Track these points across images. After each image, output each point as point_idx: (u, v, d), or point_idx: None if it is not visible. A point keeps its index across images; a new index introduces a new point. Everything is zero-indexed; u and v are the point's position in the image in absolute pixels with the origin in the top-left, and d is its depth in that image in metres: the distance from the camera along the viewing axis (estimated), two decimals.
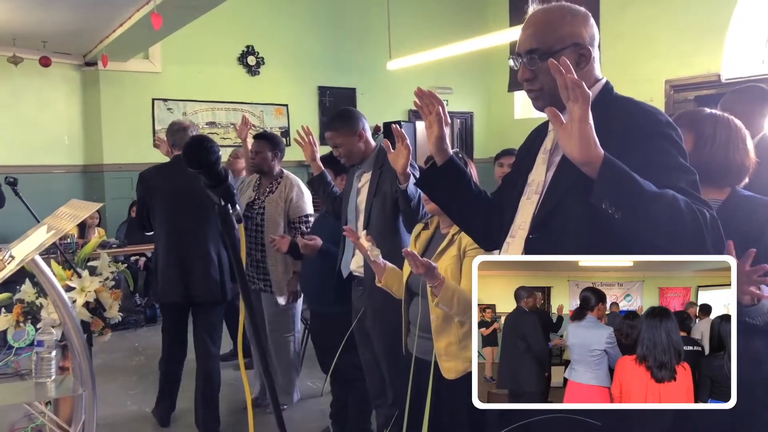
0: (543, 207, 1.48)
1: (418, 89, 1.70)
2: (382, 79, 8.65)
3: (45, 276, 1.90)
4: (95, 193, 7.03)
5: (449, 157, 1.66)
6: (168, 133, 3.71)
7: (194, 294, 3.45)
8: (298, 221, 3.63)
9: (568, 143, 1.24)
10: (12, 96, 6.56)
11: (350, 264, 2.72)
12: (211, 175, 0.94)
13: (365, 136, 2.72)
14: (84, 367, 1.92)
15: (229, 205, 0.96)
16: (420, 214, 2.37)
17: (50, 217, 2.12)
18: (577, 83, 1.20)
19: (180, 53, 7.36)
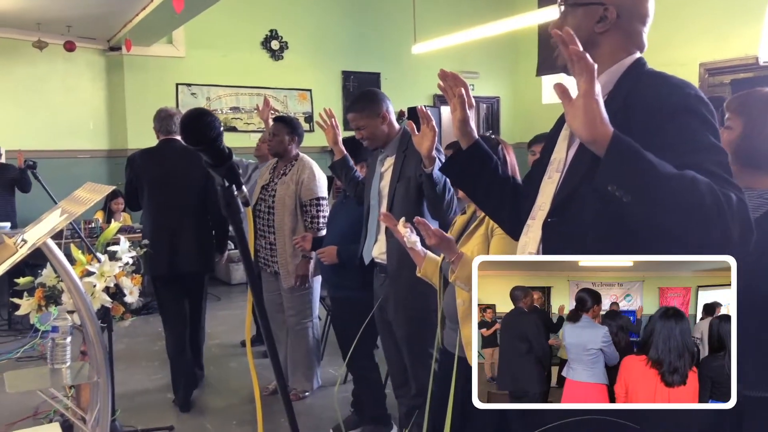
0: (563, 187, 1.38)
1: (441, 71, 1.61)
2: (406, 63, 8.54)
3: (57, 260, 1.85)
4: (119, 177, 7.01)
5: (474, 141, 1.57)
6: (155, 120, 3.92)
7: (181, 266, 3.69)
8: (309, 204, 3.59)
9: (573, 120, 1.15)
10: (37, 81, 6.58)
11: (372, 250, 2.63)
12: (212, 152, 0.86)
13: (389, 119, 2.62)
14: (98, 354, 1.88)
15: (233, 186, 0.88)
16: (446, 199, 2.28)
17: (65, 201, 2.08)
18: (580, 55, 1.10)
19: (203, 38, 7.32)
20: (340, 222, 3.20)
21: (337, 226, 3.19)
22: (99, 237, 5.82)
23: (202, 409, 3.77)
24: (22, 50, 6.36)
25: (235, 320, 5.64)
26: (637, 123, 1.16)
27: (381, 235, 2.60)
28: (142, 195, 3.85)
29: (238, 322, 5.52)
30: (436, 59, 8.50)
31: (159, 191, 3.79)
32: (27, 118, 6.49)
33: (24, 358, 4.70)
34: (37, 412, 3.66)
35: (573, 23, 1.34)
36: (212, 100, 7.54)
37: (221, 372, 4.39)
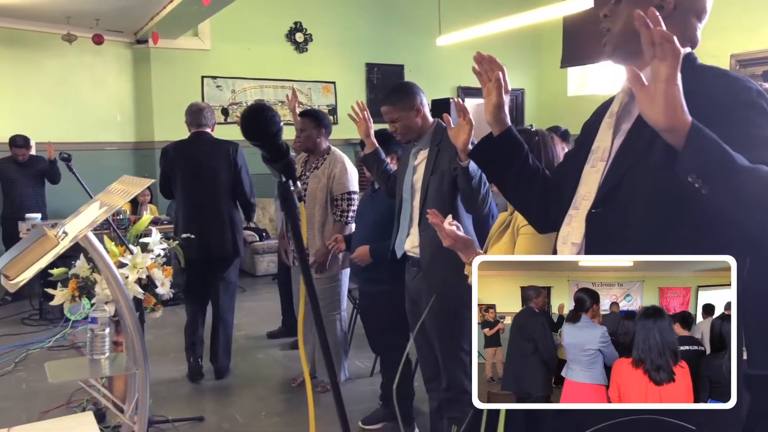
0: (609, 177, 1.34)
1: (477, 53, 1.58)
2: (430, 55, 8.51)
3: (97, 253, 1.87)
4: (146, 170, 7.11)
5: (507, 128, 1.54)
6: (187, 113, 4.15)
7: (210, 251, 3.90)
8: (340, 198, 3.60)
9: (650, 107, 1.10)
10: (66, 74, 6.65)
11: (405, 244, 2.62)
12: (271, 148, 0.85)
13: (423, 111, 2.60)
14: (137, 345, 1.90)
15: (290, 181, 0.88)
16: (481, 194, 2.26)
17: (102, 193, 2.10)
18: (667, 38, 1.06)
19: (229, 30, 7.35)
20: (369, 216, 3.20)
21: (368, 220, 3.18)
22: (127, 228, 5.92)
23: (230, 400, 3.80)
24: (52, 43, 6.44)
25: (261, 312, 5.68)
26: (695, 118, 1.13)
27: (413, 228, 2.58)
28: (175, 185, 4.08)
29: (264, 313, 5.55)
30: (459, 51, 8.45)
31: (190, 181, 4.01)
32: (56, 111, 6.58)
33: (56, 347, 4.77)
34: (71, 400, 3.72)
35: (627, 11, 1.31)
36: (237, 93, 7.58)
37: (249, 363, 4.42)
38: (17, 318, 5.57)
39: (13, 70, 6.35)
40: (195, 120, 4.10)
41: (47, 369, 1.95)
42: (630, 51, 1.36)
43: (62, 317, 5.35)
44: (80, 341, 4.86)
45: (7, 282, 1.75)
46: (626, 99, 1.40)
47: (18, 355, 4.56)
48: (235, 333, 4.84)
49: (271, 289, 6.48)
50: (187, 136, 4.15)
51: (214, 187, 3.99)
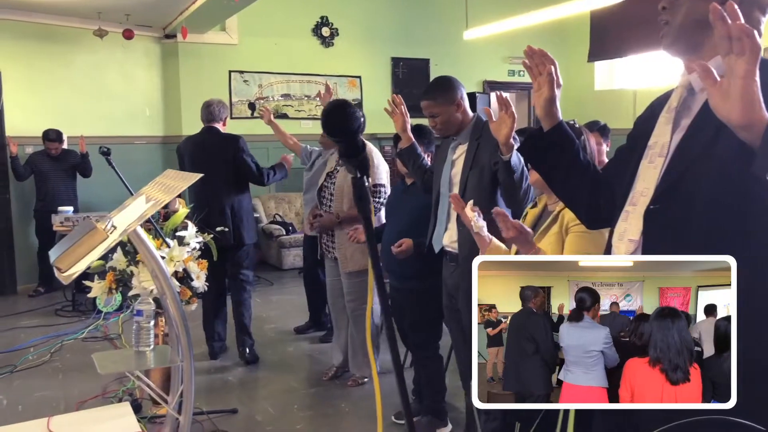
0: (669, 173, 1.33)
1: (528, 47, 1.57)
2: (456, 50, 8.48)
3: (145, 246, 1.89)
4: (174, 164, 7.14)
5: (558, 123, 1.53)
6: (201, 109, 4.41)
7: (223, 239, 3.94)
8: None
9: (724, 104, 1.07)
10: (96, 69, 6.73)
11: (443, 238, 2.61)
12: (350, 144, 0.86)
13: (463, 106, 2.59)
14: (182, 337, 1.92)
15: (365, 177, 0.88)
16: (522, 188, 2.25)
17: (147, 187, 2.12)
18: (748, 32, 1.03)
19: (256, 25, 7.37)
20: (402, 211, 3.19)
21: (401, 215, 3.18)
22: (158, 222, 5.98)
23: (262, 392, 3.84)
24: (83, 39, 6.51)
25: (288, 305, 5.71)
26: None
27: (452, 223, 2.58)
28: None
29: (292, 307, 5.59)
30: (485, 45, 8.44)
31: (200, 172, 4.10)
32: (87, 105, 6.66)
33: (89, 338, 4.85)
34: (106, 391, 3.78)
35: (688, 3, 1.29)
36: (264, 87, 7.61)
37: (278, 356, 4.45)
38: (50, 309, 5.66)
39: (46, 66, 6.44)
40: (204, 116, 4.34)
41: (96, 360, 1.98)
42: (690, 44, 1.34)
43: (94, 309, 5.44)
44: (112, 333, 4.94)
45: (60, 274, 1.78)
46: (685, 93, 1.38)
47: (53, 345, 4.64)
48: (264, 326, 4.89)
49: (298, 283, 6.49)
50: (198, 132, 4.40)
51: (219, 179, 4.14)
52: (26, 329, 5.08)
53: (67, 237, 1.96)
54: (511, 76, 9.14)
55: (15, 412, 3.53)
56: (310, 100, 7.85)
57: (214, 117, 4.31)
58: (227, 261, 4.22)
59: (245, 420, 3.40)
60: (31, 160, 6.12)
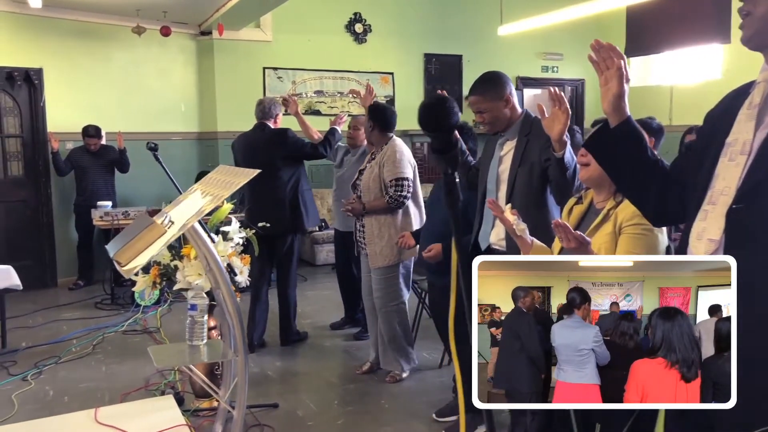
0: (753, 172, 1.30)
1: (596, 41, 1.54)
2: (489, 45, 8.42)
3: (202, 241, 1.91)
4: (209, 159, 7.25)
5: (626, 118, 1.50)
6: (255, 107, 4.59)
7: (271, 228, 4.01)
8: (389, 184, 3.71)
9: None
10: (134, 65, 6.82)
11: (489, 236, 2.60)
12: (444, 139, 0.85)
13: (512, 102, 2.57)
14: (237, 332, 1.93)
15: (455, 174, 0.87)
16: (574, 185, 2.22)
17: (201, 184, 2.14)
18: None
19: (290, 22, 7.40)
20: (443, 207, 3.18)
21: (442, 212, 3.17)
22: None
23: (302, 387, 3.86)
24: (121, 36, 6.61)
25: (323, 301, 5.74)
26: None
27: (499, 221, 2.56)
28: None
29: (326, 303, 5.61)
30: (518, 41, 8.36)
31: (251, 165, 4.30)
32: (124, 102, 6.75)
33: (129, 331, 4.92)
34: (148, 384, 3.83)
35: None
36: (297, 84, 7.64)
37: (316, 351, 4.47)
38: (90, 302, 5.76)
39: (86, 63, 6.54)
40: (257, 113, 4.55)
41: (152, 354, 2.00)
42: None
43: (132, 302, 5.53)
44: (151, 326, 5.01)
45: (121, 268, 1.81)
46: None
47: (95, 338, 4.72)
48: (301, 321, 4.92)
49: (331, 279, 6.51)
50: (251, 128, 4.57)
51: (269, 172, 4.19)
52: (68, 321, 5.18)
53: (124, 231, 1.99)
54: (545, 72, 9.05)
55: (61, 403, 3.61)
56: (342, 97, 7.86)
57: (265, 114, 4.48)
58: (278, 248, 4.40)
59: (286, 415, 3.43)
60: (72, 156, 6.23)
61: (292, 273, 4.51)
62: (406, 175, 3.70)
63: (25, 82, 6.20)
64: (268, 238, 4.16)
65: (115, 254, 1.82)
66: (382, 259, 3.75)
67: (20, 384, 3.87)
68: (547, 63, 9.05)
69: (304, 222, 4.45)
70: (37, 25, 6.25)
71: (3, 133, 6.21)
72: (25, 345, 4.57)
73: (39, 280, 6.22)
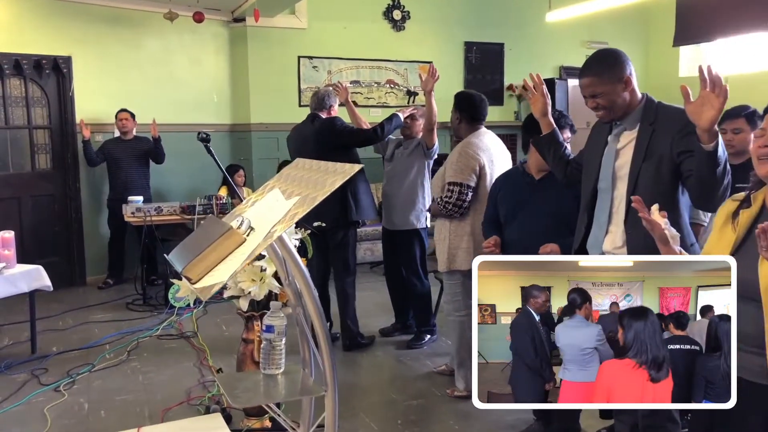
0: None
1: None
2: (531, 33, 8.07)
3: (288, 252, 1.57)
4: (242, 153, 6.94)
5: None
6: (311, 98, 4.46)
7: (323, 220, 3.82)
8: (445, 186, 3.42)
9: None
10: (165, 53, 6.50)
11: (603, 243, 2.21)
12: None
13: (632, 84, 2.20)
14: (327, 361, 1.59)
15: None
16: (723, 184, 1.85)
17: (278, 181, 1.79)
18: None
19: (325, 8, 7.06)
20: (530, 208, 2.81)
21: (530, 213, 2.80)
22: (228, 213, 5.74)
23: (360, 404, 3.49)
24: (153, 22, 6.29)
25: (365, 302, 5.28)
26: None
27: (614, 225, 2.18)
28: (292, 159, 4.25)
29: (369, 304, 5.17)
30: (561, 29, 7.96)
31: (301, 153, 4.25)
32: (155, 91, 6.43)
33: (164, 335, 4.62)
34: (191, 397, 3.52)
35: None
36: (333, 74, 7.29)
37: (368, 362, 4.13)
38: (121, 302, 5.47)
39: (116, 51, 6.22)
40: (311, 104, 4.37)
41: (223, 389, 1.66)
42: None
43: (166, 303, 5.23)
44: (187, 330, 4.70)
45: (192, 285, 1.47)
46: None
47: (129, 342, 4.42)
48: None
49: (370, 279, 6.20)
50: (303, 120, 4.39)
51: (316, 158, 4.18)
52: (99, 324, 4.89)
53: (191, 239, 1.65)
54: None
55: (98, 418, 3.30)
56: (380, 87, 7.51)
57: (319, 105, 4.26)
58: (331, 240, 4.21)
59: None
60: (105, 147, 5.94)
61: (348, 269, 4.25)
62: (460, 180, 3.33)
63: (53, 71, 5.90)
64: (320, 235, 3.94)
65: (184, 269, 1.48)
66: (441, 263, 3.48)
67: (53, 395, 3.57)
68: (591, 52, 8.58)
69: (350, 213, 4.16)
70: (66, 11, 5.94)
71: (31, 124, 5.91)
72: (56, 350, 4.28)
73: (67, 278, 5.95)
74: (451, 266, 3.40)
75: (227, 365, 3.88)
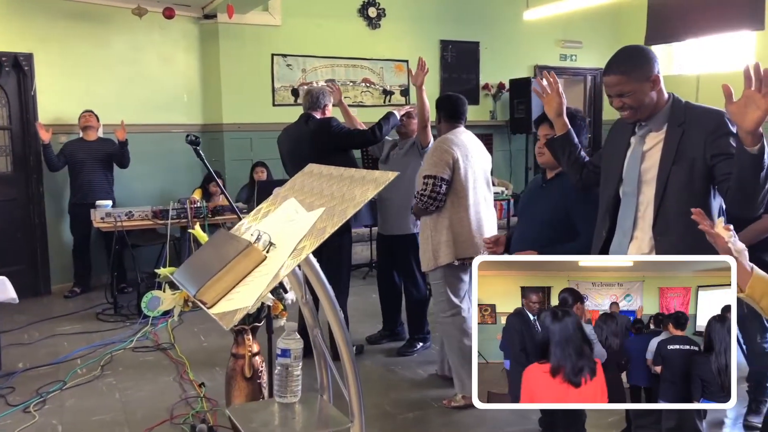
0: None
1: None
2: (506, 32, 8.03)
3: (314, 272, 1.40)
4: (214, 154, 6.70)
5: None
6: (303, 96, 4.21)
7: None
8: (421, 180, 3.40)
9: None
10: (133, 51, 6.21)
11: (628, 249, 2.09)
12: None
13: (660, 84, 2.08)
14: (352, 388, 1.43)
15: None
16: (764, 190, 1.74)
17: (292, 191, 1.63)
18: None
19: (300, 5, 6.86)
20: (537, 211, 2.69)
21: (536, 216, 2.68)
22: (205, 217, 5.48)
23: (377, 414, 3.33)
24: (120, 18, 6.00)
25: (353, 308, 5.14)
26: None
27: (641, 231, 2.06)
28: (285, 166, 4.27)
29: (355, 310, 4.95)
30: (536, 29, 7.93)
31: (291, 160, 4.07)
32: (122, 91, 6.14)
33: (139, 347, 4.38)
34: (174, 415, 3.31)
35: None
36: (308, 72, 7.10)
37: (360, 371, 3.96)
38: (90, 312, 5.19)
39: (81, 48, 5.90)
40: (303, 104, 4.15)
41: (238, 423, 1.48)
42: None
43: (138, 313, 4.96)
44: (163, 341, 4.47)
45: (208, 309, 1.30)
46: None
47: (102, 356, 4.17)
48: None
49: (358, 282, 6.01)
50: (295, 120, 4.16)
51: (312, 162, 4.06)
52: (68, 336, 4.61)
53: (200, 257, 1.47)
54: (563, 61, 8.62)
55: None
56: (355, 86, 7.34)
57: (313, 105, 4.03)
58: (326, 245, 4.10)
59: None
60: (66, 149, 5.61)
61: (341, 278, 3.97)
62: (434, 173, 3.30)
63: (13, 69, 5.57)
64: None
65: (198, 292, 1.30)
66: (426, 263, 3.43)
67: (22, 417, 3.31)
68: (565, 51, 8.63)
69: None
70: (27, 6, 5.61)
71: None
72: (22, 366, 4.01)
73: (31, 287, 5.62)
74: (438, 262, 3.34)
75: (209, 379, 3.68)
